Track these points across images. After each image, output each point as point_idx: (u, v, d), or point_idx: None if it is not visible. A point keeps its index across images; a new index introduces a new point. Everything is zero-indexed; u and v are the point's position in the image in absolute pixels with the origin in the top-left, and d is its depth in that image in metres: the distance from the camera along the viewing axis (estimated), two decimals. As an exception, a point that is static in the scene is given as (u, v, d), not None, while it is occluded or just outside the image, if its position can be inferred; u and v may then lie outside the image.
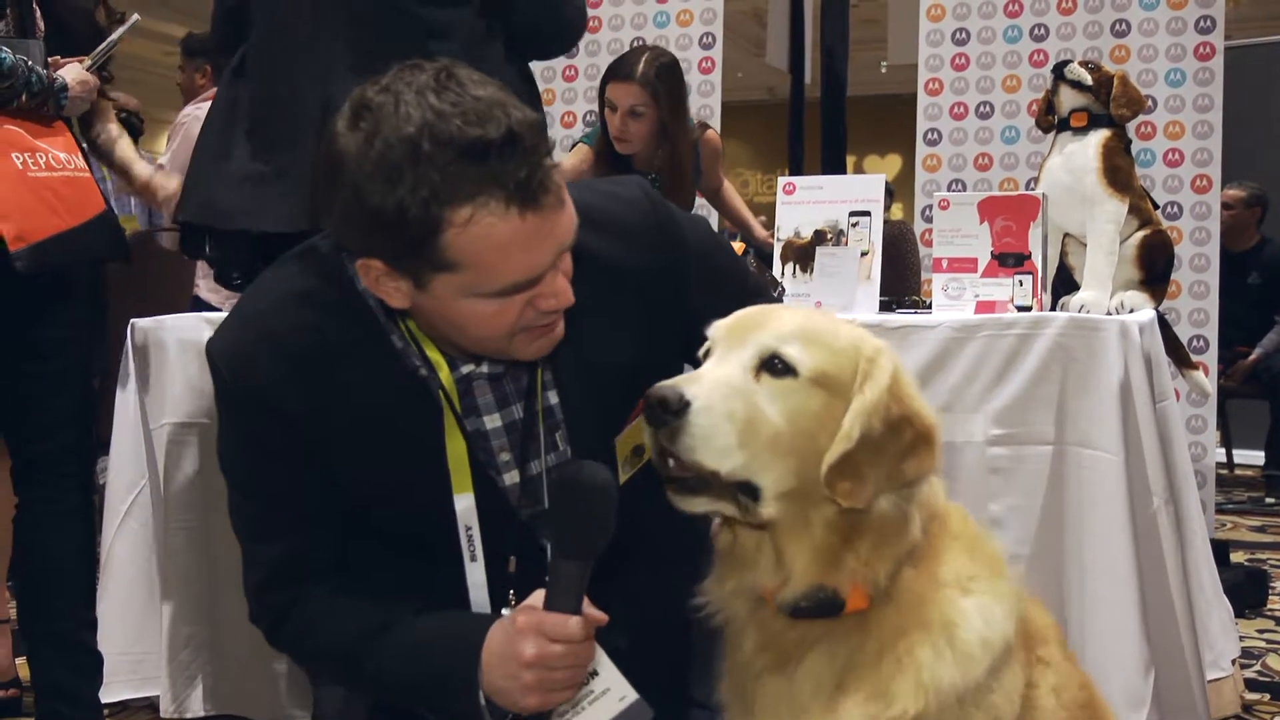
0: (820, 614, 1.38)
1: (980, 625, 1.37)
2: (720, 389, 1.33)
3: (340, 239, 1.56)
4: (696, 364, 1.89)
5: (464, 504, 1.66)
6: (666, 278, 1.74)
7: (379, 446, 1.64)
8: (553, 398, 1.71)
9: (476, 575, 1.69)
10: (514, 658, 1.52)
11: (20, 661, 2.92)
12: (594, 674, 1.59)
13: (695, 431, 1.31)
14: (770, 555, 1.39)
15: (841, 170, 4.38)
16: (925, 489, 1.41)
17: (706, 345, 1.45)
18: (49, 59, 2.62)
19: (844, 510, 1.35)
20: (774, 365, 1.36)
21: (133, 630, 2.69)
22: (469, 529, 1.68)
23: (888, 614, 1.38)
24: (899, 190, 12.61)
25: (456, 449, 1.65)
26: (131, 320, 2.73)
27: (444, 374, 1.63)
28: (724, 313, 1.84)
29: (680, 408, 1.30)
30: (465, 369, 1.66)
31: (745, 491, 1.34)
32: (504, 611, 1.70)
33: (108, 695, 2.61)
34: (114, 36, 2.80)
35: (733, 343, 1.40)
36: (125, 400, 2.72)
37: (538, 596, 1.54)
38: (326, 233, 1.67)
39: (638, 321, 1.71)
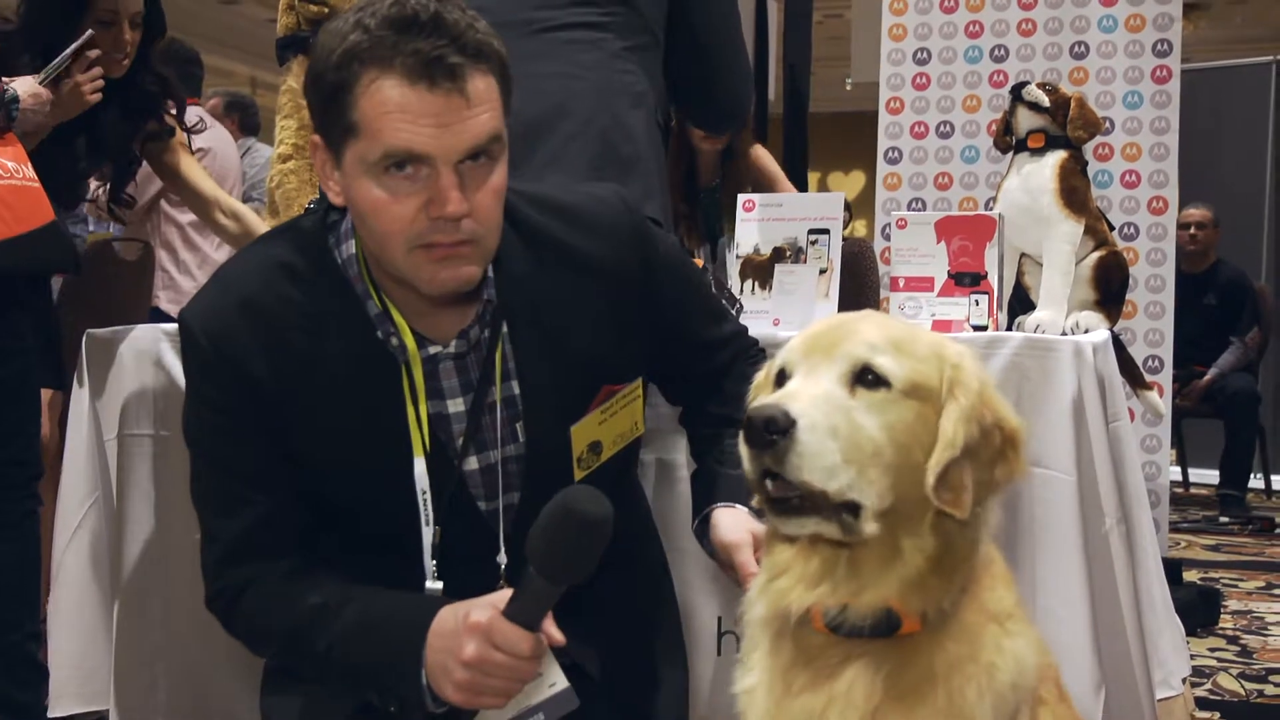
0: (874, 634, 1.35)
1: (1014, 669, 1.35)
2: (821, 405, 1.28)
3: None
4: (664, 372, 1.91)
5: (421, 468, 1.69)
6: (636, 279, 1.78)
7: (344, 416, 1.67)
8: (514, 387, 1.73)
9: (430, 539, 1.71)
10: (453, 651, 1.53)
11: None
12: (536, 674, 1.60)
13: (803, 450, 1.25)
14: (845, 578, 1.34)
15: (803, 187, 4.39)
16: (991, 508, 1.39)
17: (779, 364, 1.41)
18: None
19: (934, 532, 1.32)
20: (866, 378, 1.32)
21: (83, 644, 2.65)
22: (424, 493, 1.69)
23: (942, 640, 1.35)
24: (862, 206, 12.69)
25: (422, 410, 1.69)
26: (86, 330, 2.71)
27: (410, 344, 1.67)
28: (694, 324, 1.89)
29: (787, 426, 1.25)
30: (433, 349, 1.70)
31: (848, 509, 1.30)
32: (430, 586, 1.72)
33: (56, 709, 2.57)
34: (67, 51, 2.77)
35: (817, 357, 1.35)
36: (78, 411, 2.69)
37: (500, 596, 1.54)
38: (310, 210, 1.77)
39: (603, 315, 1.75)
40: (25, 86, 2.61)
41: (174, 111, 3.09)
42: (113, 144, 2.97)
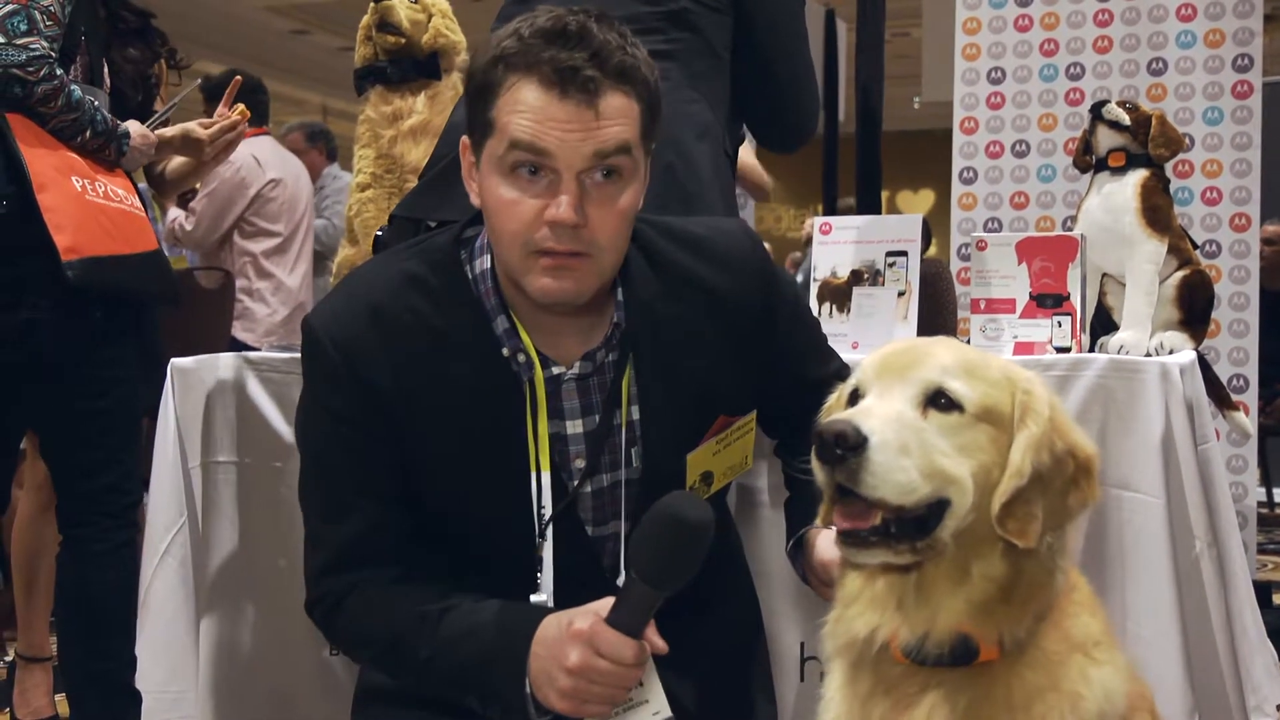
0: (952, 663, 1.34)
1: (1101, 698, 1.34)
2: (893, 424, 1.29)
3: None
4: (769, 408, 1.91)
5: (545, 482, 1.71)
6: (759, 315, 1.80)
7: (463, 429, 1.69)
8: (635, 412, 1.75)
9: (548, 553, 1.73)
10: (557, 658, 1.54)
11: (60, 698, 2.93)
12: (638, 682, 1.60)
13: (876, 469, 1.26)
14: (914, 602, 1.34)
15: (877, 210, 4.37)
16: (1071, 535, 1.37)
17: (852, 385, 1.42)
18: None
19: (1004, 558, 1.31)
20: (939, 401, 1.32)
21: (170, 668, 2.68)
22: (544, 508, 1.71)
23: (1020, 669, 1.34)
24: (932, 224, 12.59)
25: (542, 428, 1.70)
26: (171, 359, 2.75)
27: (536, 362, 1.70)
28: (804, 365, 1.89)
29: (859, 442, 1.26)
30: (556, 369, 1.71)
31: (919, 533, 1.30)
32: (536, 598, 1.72)
33: (146, 733, 2.61)
34: (175, 100, 2.89)
35: (890, 379, 1.35)
36: (164, 438, 2.73)
37: (603, 604, 1.55)
38: (449, 226, 1.79)
39: (724, 346, 1.77)
40: (135, 128, 2.69)
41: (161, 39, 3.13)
42: (130, 72, 2.99)
